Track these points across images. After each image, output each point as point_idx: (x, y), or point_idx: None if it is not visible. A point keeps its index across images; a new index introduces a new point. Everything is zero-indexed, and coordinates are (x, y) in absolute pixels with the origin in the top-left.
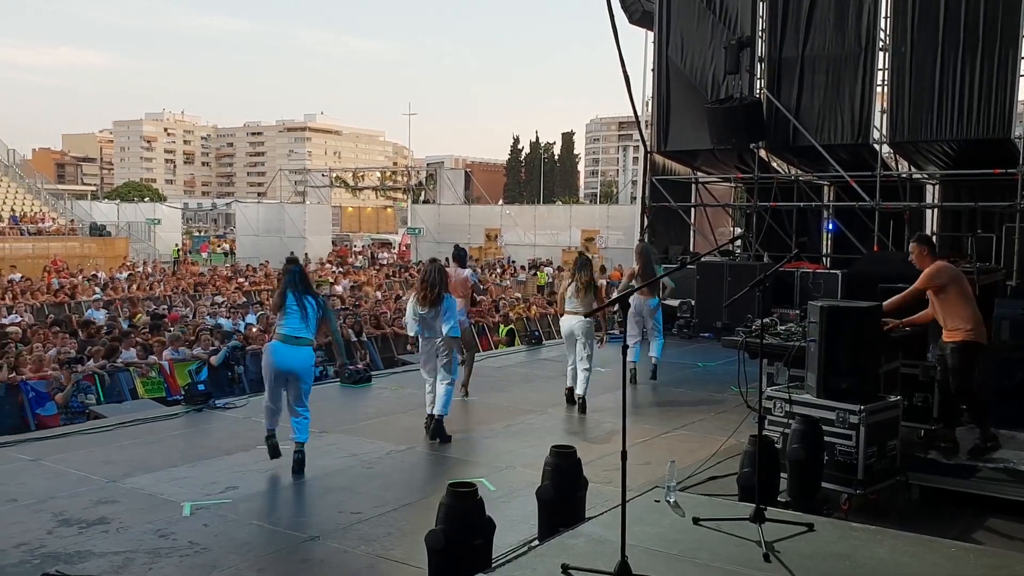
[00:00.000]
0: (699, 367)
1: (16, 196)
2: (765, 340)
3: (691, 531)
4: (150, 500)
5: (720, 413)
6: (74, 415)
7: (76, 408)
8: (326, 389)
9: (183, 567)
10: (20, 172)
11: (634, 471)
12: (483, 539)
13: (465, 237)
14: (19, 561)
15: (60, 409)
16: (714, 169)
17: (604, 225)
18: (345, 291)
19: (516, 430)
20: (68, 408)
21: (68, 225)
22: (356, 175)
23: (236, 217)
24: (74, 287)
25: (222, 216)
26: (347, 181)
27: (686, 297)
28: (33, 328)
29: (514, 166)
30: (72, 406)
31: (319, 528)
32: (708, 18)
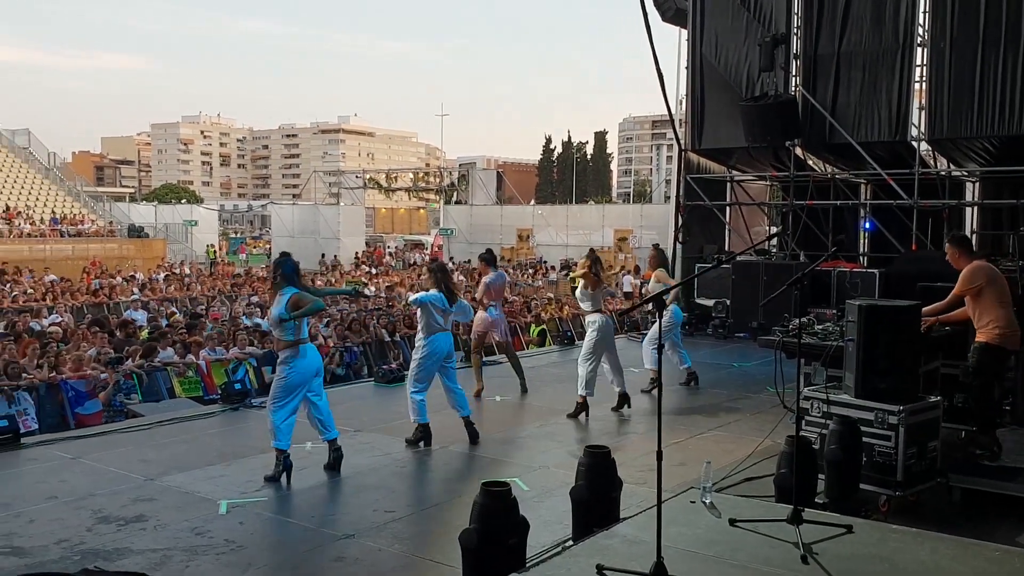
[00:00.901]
0: (734, 367)
1: (56, 198)
2: (802, 340)
3: (727, 532)
4: (187, 498)
5: (756, 414)
6: (115, 414)
7: (116, 407)
8: (360, 388)
9: (219, 565)
10: (60, 175)
11: (669, 472)
12: (517, 539)
13: (497, 237)
14: (60, 557)
15: (104, 407)
16: (749, 167)
17: (637, 224)
18: (379, 291)
19: (549, 430)
20: (110, 406)
21: (107, 227)
22: (389, 176)
23: (271, 219)
24: (112, 288)
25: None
26: (380, 182)
27: (721, 297)
28: (73, 328)
29: (546, 166)
30: (113, 405)
31: (353, 526)
32: (742, 15)
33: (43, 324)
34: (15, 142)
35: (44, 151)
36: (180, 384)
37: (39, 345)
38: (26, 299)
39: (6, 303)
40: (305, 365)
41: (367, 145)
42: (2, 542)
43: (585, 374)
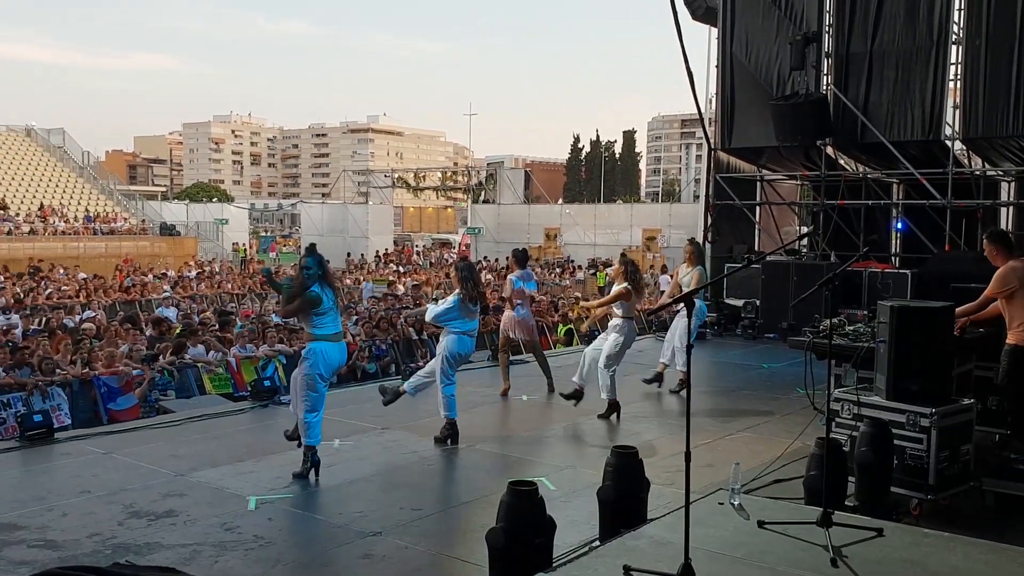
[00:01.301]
0: (764, 368)
1: (90, 196)
2: (833, 341)
3: (756, 534)
4: (216, 494)
5: (785, 415)
6: (149, 410)
7: (151, 403)
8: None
9: (248, 560)
10: (94, 173)
11: (697, 473)
12: (544, 539)
13: (525, 236)
14: (92, 551)
15: (139, 402)
16: (780, 166)
17: (666, 224)
18: (407, 290)
19: (576, 430)
20: (146, 402)
21: (139, 225)
22: (417, 176)
23: (301, 217)
24: (144, 285)
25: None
26: (409, 182)
27: (750, 297)
28: (106, 325)
29: (574, 165)
30: (148, 400)
31: (381, 524)
32: (773, 13)
33: (76, 320)
34: (50, 141)
35: (78, 150)
36: (210, 381)
37: (72, 341)
38: (60, 296)
39: (41, 300)
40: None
41: (396, 144)
42: (36, 535)
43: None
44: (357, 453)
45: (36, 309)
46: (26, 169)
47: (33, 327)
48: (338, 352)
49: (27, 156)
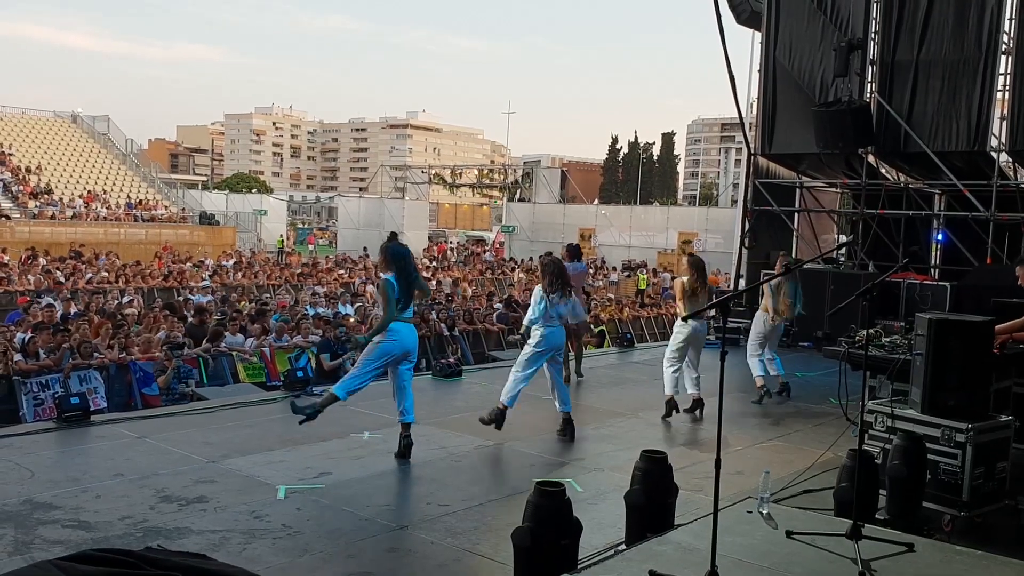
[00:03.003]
0: (797, 377)
1: (132, 184)
2: (869, 352)
3: (784, 544)
4: (247, 482)
5: (818, 425)
6: (174, 399)
7: (174, 391)
8: (417, 381)
9: (276, 549)
10: (136, 161)
11: (726, 480)
12: (570, 540)
13: (559, 236)
14: (123, 533)
15: (162, 391)
16: (820, 174)
17: (703, 228)
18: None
19: (605, 432)
20: (169, 390)
21: (179, 213)
22: (454, 172)
23: (338, 210)
24: (182, 273)
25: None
26: (445, 178)
27: None
28: (144, 311)
29: (611, 166)
30: (172, 388)
31: (408, 518)
32: (818, 19)
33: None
34: (95, 128)
35: (122, 138)
36: (244, 369)
37: (111, 326)
38: (100, 281)
39: (81, 284)
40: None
41: (433, 141)
42: (70, 515)
43: (671, 374)
44: (386, 446)
45: (76, 293)
46: (71, 155)
47: (73, 311)
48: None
49: (72, 142)
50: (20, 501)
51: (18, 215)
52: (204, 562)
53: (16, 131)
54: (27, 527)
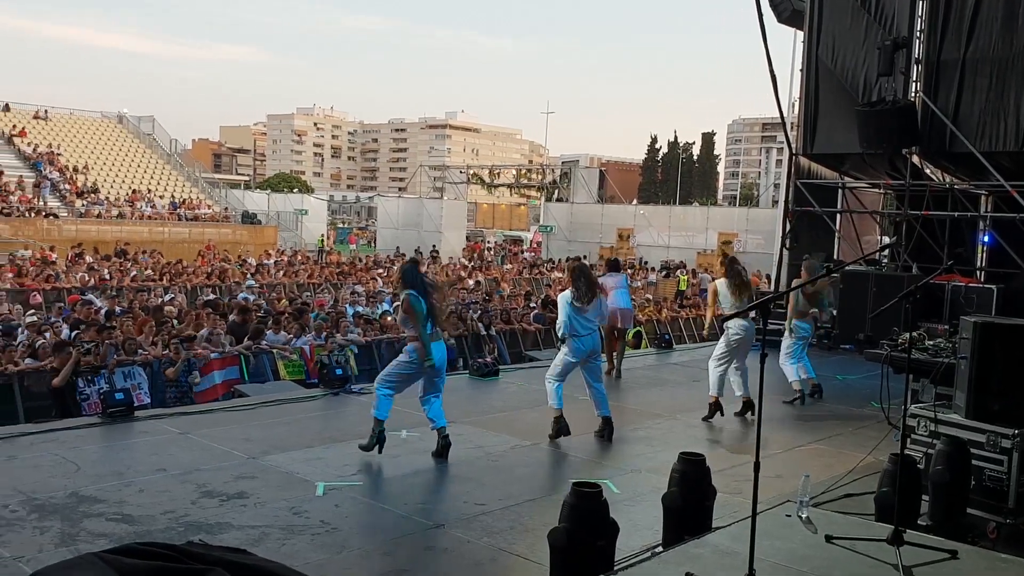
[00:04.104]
0: (838, 379)
1: (176, 183)
2: (912, 355)
3: (823, 549)
4: (286, 478)
5: (858, 429)
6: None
7: (183, 384)
8: (454, 381)
9: (314, 545)
10: (180, 161)
11: (765, 484)
12: (606, 541)
13: (597, 236)
14: (165, 527)
15: (170, 383)
16: (862, 174)
17: (743, 228)
18: (480, 286)
19: (643, 434)
20: (178, 383)
21: (222, 212)
22: (492, 172)
23: (378, 210)
24: (225, 271)
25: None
26: (483, 178)
27: None
28: (187, 309)
29: (650, 166)
30: (181, 381)
31: (444, 517)
32: (862, 17)
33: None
34: (140, 128)
35: (167, 138)
36: (284, 367)
37: (155, 323)
38: (144, 279)
39: (126, 282)
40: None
41: (472, 141)
42: (114, 509)
43: (716, 375)
44: (423, 445)
45: (121, 291)
46: (117, 155)
47: (119, 308)
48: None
49: (118, 142)
50: (66, 494)
51: (65, 213)
52: (245, 557)
53: (64, 131)
54: (73, 520)
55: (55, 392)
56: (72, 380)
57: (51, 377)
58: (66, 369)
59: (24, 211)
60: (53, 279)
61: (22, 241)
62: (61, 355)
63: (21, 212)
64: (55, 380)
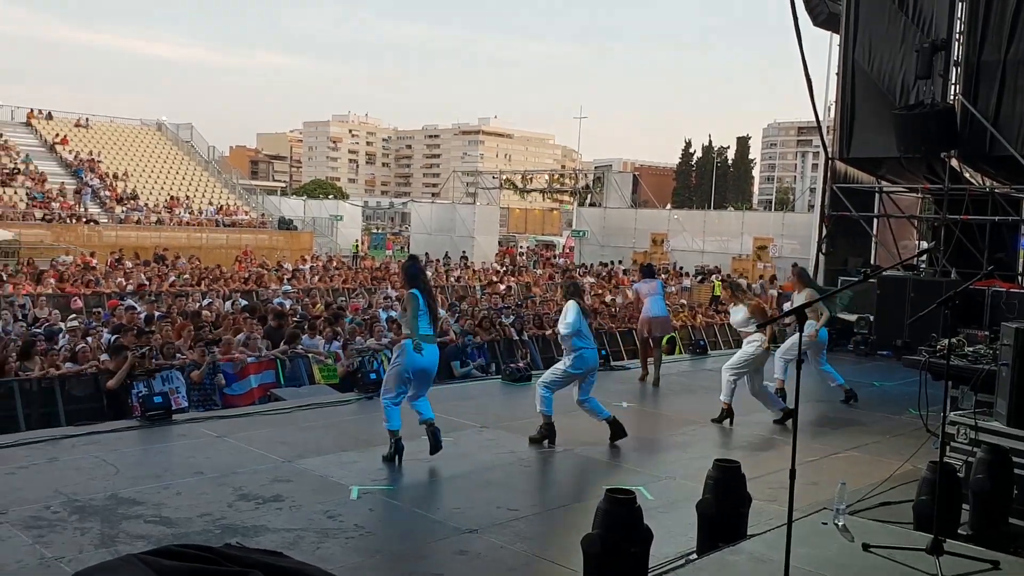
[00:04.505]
0: (875, 386)
1: (214, 190)
2: (951, 361)
3: (860, 557)
4: (321, 482)
5: (896, 436)
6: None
7: (207, 386)
8: (487, 385)
9: (348, 549)
10: (218, 167)
11: (801, 491)
12: (640, 548)
13: (631, 241)
14: (202, 530)
15: (195, 385)
16: (900, 178)
17: (778, 233)
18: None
19: (677, 440)
20: (202, 386)
21: (259, 218)
22: (525, 177)
23: (411, 216)
24: (261, 277)
25: (398, 214)
26: (516, 183)
27: (864, 312)
28: (224, 313)
29: (684, 170)
30: (206, 384)
31: (477, 521)
32: (900, 20)
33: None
34: (179, 136)
35: (204, 145)
36: (320, 371)
37: (193, 328)
38: (182, 284)
39: (165, 287)
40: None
41: (505, 146)
42: (152, 511)
43: (729, 383)
44: (456, 450)
45: (159, 296)
46: (156, 162)
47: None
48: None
49: (157, 149)
50: (106, 496)
51: (106, 220)
52: (281, 560)
53: (104, 139)
54: (112, 521)
55: (109, 394)
56: (127, 382)
57: (92, 381)
58: (121, 372)
59: (65, 217)
60: (93, 284)
61: (63, 247)
62: (117, 358)
63: (63, 218)
64: (110, 382)
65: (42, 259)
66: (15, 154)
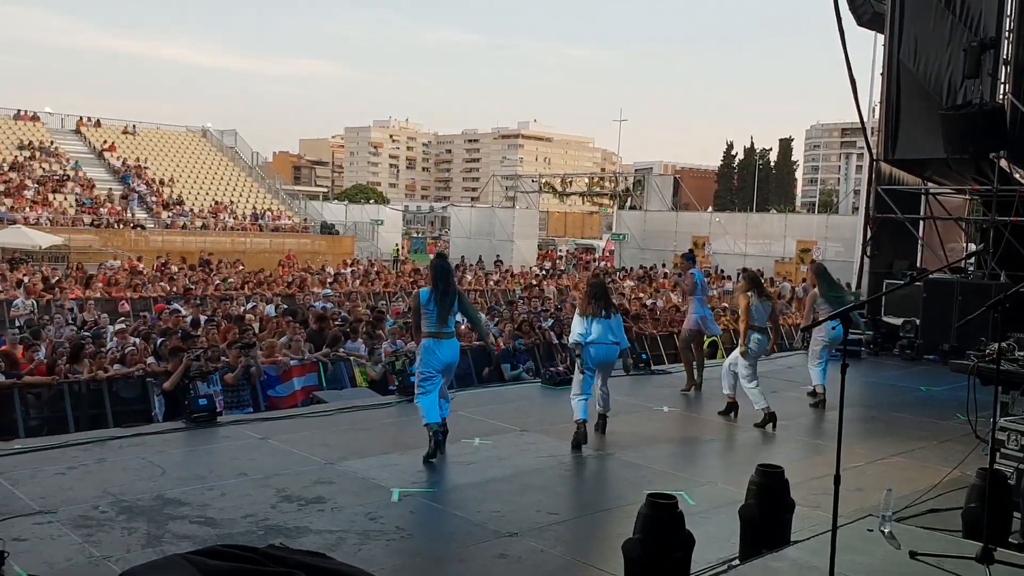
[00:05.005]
0: (921, 391)
1: (257, 195)
2: (1001, 366)
3: (907, 565)
4: (362, 483)
5: (943, 442)
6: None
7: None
8: (526, 389)
9: (389, 551)
10: (261, 173)
11: (846, 497)
12: (682, 553)
13: (671, 244)
14: (246, 531)
15: (228, 388)
16: (947, 179)
17: (822, 236)
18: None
19: (718, 445)
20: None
21: (301, 223)
22: (564, 181)
23: (451, 220)
24: (304, 280)
25: (438, 218)
26: (555, 187)
27: (910, 316)
28: (268, 317)
29: (726, 172)
30: (241, 384)
31: (517, 525)
32: (946, 19)
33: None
34: (223, 142)
35: (248, 151)
36: (361, 374)
37: (238, 331)
38: (227, 288)
39: (210, 291)
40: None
41: (544, 150)
42: (197, 512)
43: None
44: (496, 453)
45: (205, 299)
46: (201, 168)
47: (204, 317)
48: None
49: (202, 156)
50: (152, 497)
51: (152, 225)
52: (324, 561)
53: (151, 145)
54: (158, 522)
55: (167, 395)
56: (184, 383)
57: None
58: (176, 373)
59: (113, 222)
60: (140, 288)
61: (111, 251)
62: (175, 360)
63: (111, 223)
64: (166, 383)
65: (91, 264)
66: (65, 161)
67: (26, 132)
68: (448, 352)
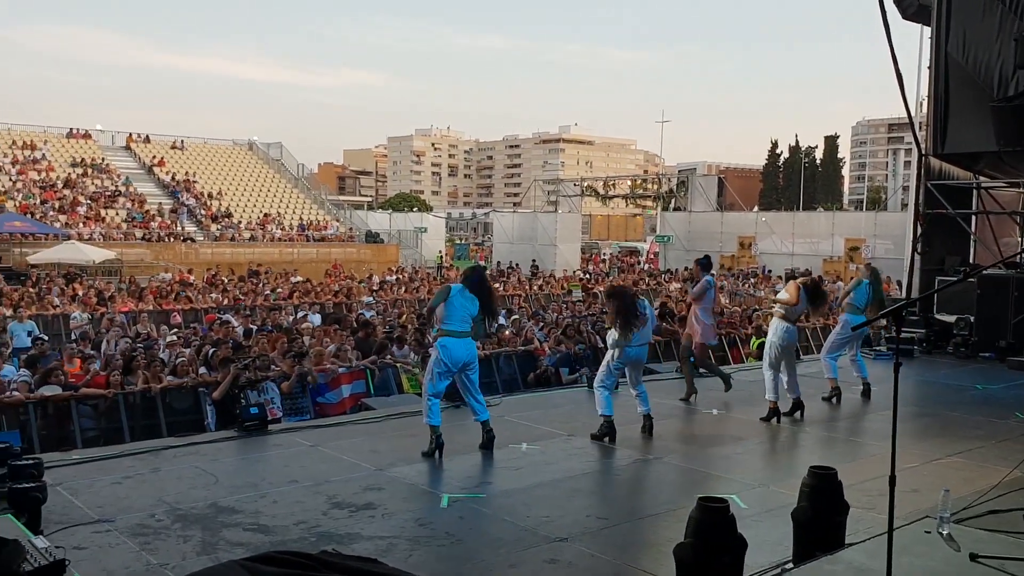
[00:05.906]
0: (978, 389)
1: (303, 206)
2: None
3: (967, 568)
4: (412, 489)
5: (1002, 441)
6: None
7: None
8: (575, 393)
9: (439, 556)
10: (307, 184)
11: (901, 498)
12: (733, 557)
13: (717, 245)
14: (298, 537)
15: (285, 396)
16: (1000, 173)
17: (871, 234)
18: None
19: (769, 447)
20: (292, 395)
21: (347, 233)
22: (607, 184)
23: (493, 226)
24: (350, 289)
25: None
26: (597, 190)
27: (964, 313)
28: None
29: (771, 171)
30: (295, 393)
31: (567, 530)
32: (996, 8)
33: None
34: (269, 154)
35: (294, 162)
36: (407, 380)
37: (287, 340)
38: (276, 298)
39: (259, 301)
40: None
41: (586, 154)
42: (250, 519)
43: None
44: (544, 458)
45: (254, 310)
46: (248, 180)
47: (254, 327)
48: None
49: (249, 168)
50: (206, 505)
51: (202, 237)
52: (377, 566)
53: (199, 159)
54: (212, 529)
55: (218, 404)
56: (234, 392)
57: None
58: (224, 383)
59: (164, 236)
60: (191, 300)
61: (162, 264)
62: (224, 370)
63: (161, 237)
64: (214, 393)
65: (142, 277)
66: (116, 177)
67: (78, 149)
68: (464, 351)
